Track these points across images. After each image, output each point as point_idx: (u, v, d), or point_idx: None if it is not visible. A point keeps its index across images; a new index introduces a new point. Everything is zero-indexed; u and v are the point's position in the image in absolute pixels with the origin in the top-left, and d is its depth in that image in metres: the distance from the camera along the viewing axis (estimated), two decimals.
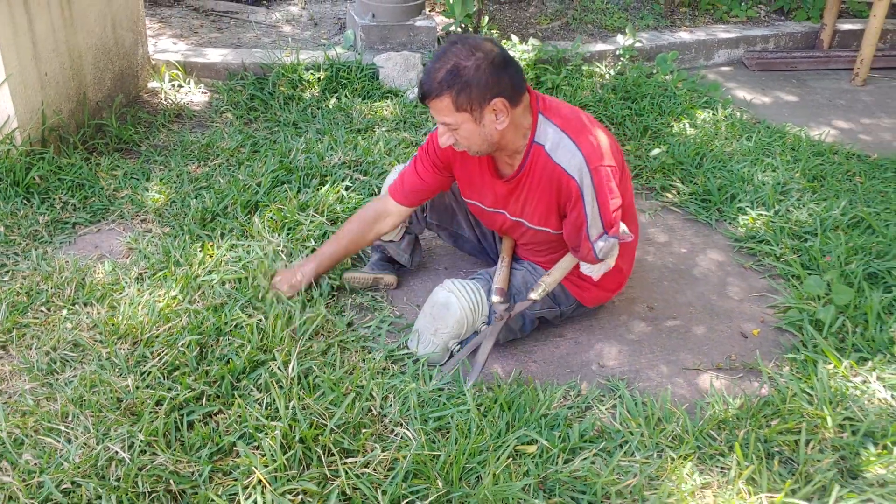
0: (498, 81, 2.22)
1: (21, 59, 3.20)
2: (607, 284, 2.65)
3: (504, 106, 2.25)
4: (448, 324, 2.49)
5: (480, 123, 2.28)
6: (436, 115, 2.32)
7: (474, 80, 2.20)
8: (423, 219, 2.86)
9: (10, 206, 3.11)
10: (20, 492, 1.93)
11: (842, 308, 2.78)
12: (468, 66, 2.20)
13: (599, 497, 2.04)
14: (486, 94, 2.22)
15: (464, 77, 2.20)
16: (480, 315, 2.54)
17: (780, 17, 6.18)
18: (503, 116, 2.27)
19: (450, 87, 2.21)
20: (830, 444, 2.24)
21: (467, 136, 2.31)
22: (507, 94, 2.25)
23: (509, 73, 2.25)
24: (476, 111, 2.25)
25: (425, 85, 2.26)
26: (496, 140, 2.33)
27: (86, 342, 2.45)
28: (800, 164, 3.89)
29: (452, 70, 2.20)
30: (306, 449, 2.07)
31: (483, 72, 2.20)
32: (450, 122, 2.29)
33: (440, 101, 2.25)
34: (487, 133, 2.30)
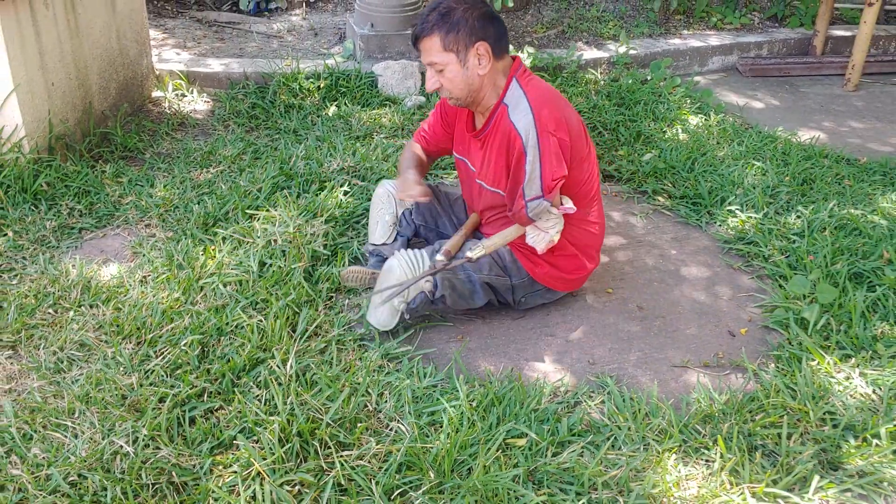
0: (483, 28, 2.48)
1: (28, 70, 3.30)
2: (563, 265, 2.76)
3: (486, 51, 2.49)
4: (391, 281, 2.66)
5: (464, 66, 2.50)
6: (424, 57, 2.55)
7: (462, 22, 2.46)
8: (413, 221, 2.96)
9: (18, 211, 3.20)
10: (29, 484, 2.01)
11: (826, 307, 2.85)
12: (457, 9, 2.47)
13: (586, 488, 2.11)
14: (471, 37, 2.47)
15: (453, 18, 2.46)
16: (420, 272, 2.68)
17: (774, 24, 6.26)
18: (485, 61, 2.50)
19: (439, 27, 2.47)
20: (812, 437, 2.31)
21: (451, 77, 2.52)
22: (491, 41, 2.49)
23: (495, 25, 2.51)
24: (462, 52, 2.49)
25: (418, 27, 2.52)
26: (477, 86, 2.54)
27: (92, 342, 2.54)
28: (790, 168, 3.96)
29: (443, 11, 2.47)
30: (303, 442, 2.15)
31: (471, 16, 2.47)
32: (437, 61, 2.51)
33: (430, 40, 2.49)
34: (470, 77, 2.52)
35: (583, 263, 2.80)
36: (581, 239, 2.76)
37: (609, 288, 3.06)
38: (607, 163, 4.00)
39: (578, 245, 2.76)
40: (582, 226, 2.74)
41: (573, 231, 2.71)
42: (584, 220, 2.73)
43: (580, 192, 2.66)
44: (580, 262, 2.79)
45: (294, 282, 2.80)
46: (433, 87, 2.57)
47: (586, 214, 2.73)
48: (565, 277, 2.80)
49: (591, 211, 2.75)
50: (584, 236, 2.76)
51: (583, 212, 2.70)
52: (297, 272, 2.85)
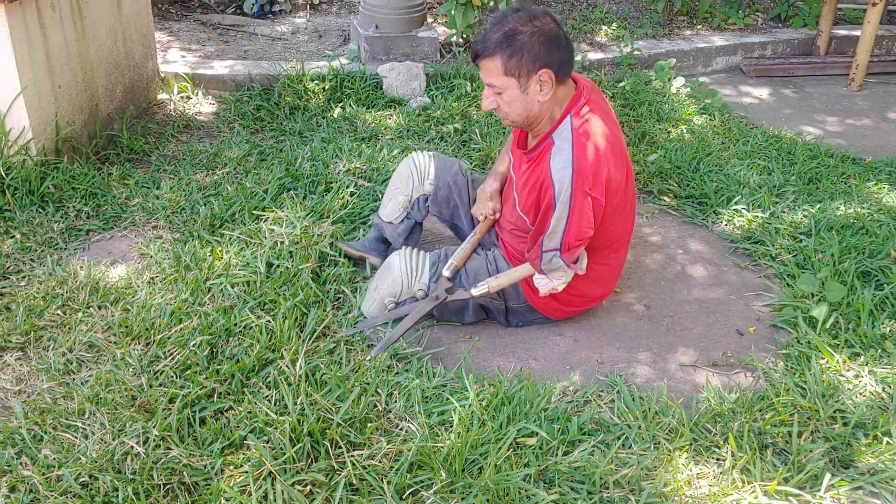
0: (549, 53, 2.31)
1: (36, 72, 3.31)
2: (564, 299, 2.71)
3: (550, 78, 2.34)
4: (386, 281, 2.70)
5: (525, 91, 2.37)
6: (484, 77, 2.40)
7: (527, 47, 2.29)
8: (426, 208, 2.97)
9: (26, 214, 3.21)
10: (40, 485, 2.02)
11: (835, 305, 2.85)
12: (524, 31, 2.29)
13: (598, 487, 2.11)
14: (535, 63, 2.31)
15: (517, 42, 2.29)
16: (417, 282, 2.69)
17: (778, 24, 6.26)
18: (548, 88, 2.36)
19: (503, 49, 2.31)
20: (822, 435, 2.31)
21: (510, 101, 2.40)
22: (556, 68, 2.33)
23: (561, 49, 2.33)
24: (523, 78, 2.34)
25: (479, 44, 2.35)
26: (535, 112, 2.42)
27: (101, 343, 2.54)
28: (795, 168, 3.96)
29: (508, 33, 2.30)
30: (314, 442, 2.15)
31: (536, 40, 2.29)
32: (496, 84, 2.38)
33: (491, 62, 2.34)
34: (529, 102, 2.39)
35: (585, 301, 2.77)
36: (590, 287, 2.72)
37: (616, 288, 3.06)
38: None
39: (586, 288, 2.72)
40: (595, 274, 2.67)
41: (584, 278, 2.65)
42: (601, 266, 2.67)
43: (603, 242, 2.60)
44: (583, 301, 2.77)
45: (302, 282, 2.80)
46: (489, 108, 2.44)
47: (604, 262, 2.66)
48: (564, 309, 2.77)
49: (610, 259, 2.68)
50: (593, 285, 2.72)
51: (602, 258, 2.64)
52: (304, 273, 2.85)
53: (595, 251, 2.61)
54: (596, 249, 2.60)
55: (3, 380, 2.42)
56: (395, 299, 2.73)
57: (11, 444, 2.15)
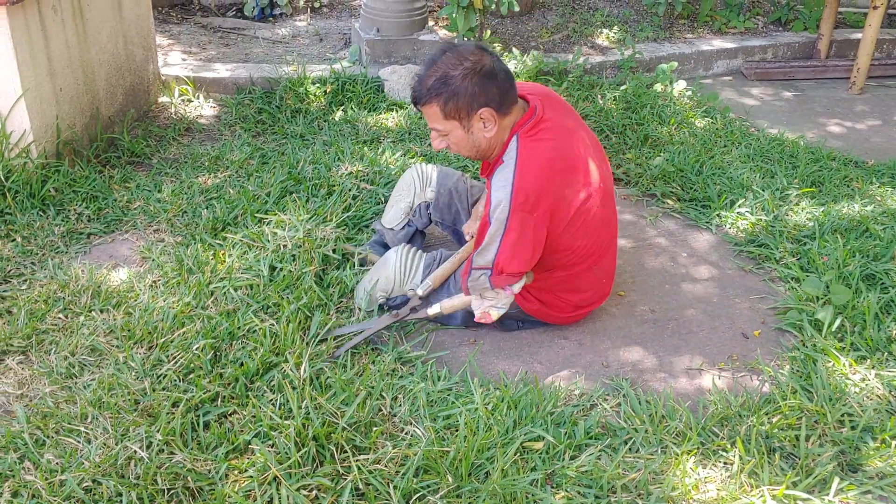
0: (485, 91, 2.29)
1: (37, 75, 3.29)
2: (552, 304, 2.68)
3: (491, 115, 2.32)
4: (380, 276, 2.72)
5: (469, 131, 2.36)
6: (428, 121, 2.41)
7: (461, 89, 2.28)
8: (427, 215, 2.96)
9: (26, 217, 3.19)
10: (43, 490, 2.00)
11: (840, 308, 2.84)
12: (455, 74, 2.27)
13: (605, 491, 2.09)
14: (473, 103, 2.30)
15: (451, 86, 2.28)
16: (410, 281, 2.71)
17: (778, 27, 6.27)
18: (491, 125, 2.35)
19: (438, 95, 2.30)
20: (830, 439, 2.30)
21: (457, 141, 2.40)
22: (495, 103, 2.32)
23: (497, 82, 2.31)
24: (464, 119, 2.33)
25: (415, 91, 2.35)
26: (484, 147, 2.41)
27: (103, 347, 2.52)
28: (798, 171, 3.96)
29: (441, 79, 2.28)
30: (319, 446, 2.13)
31: (470, 81, 2.27)
32: (439, 128, 2.38)
33: (429, 109, 2.34)
34: (476, 140, 2.39)
35: (577, 308, 2.73)
36: (579, 296, 2.69)
37: (621, 291, 3.05)
38: (615, 166, 3.99)
39: (575, 297, 2.69)
40: (581, 283, 2.65)
41: (571, 287, 2.65)
42: (587, 274, 2.63)
43: (577, 257, 2.55)
44: (574, 308, 2.73)
45: (305, 286, 2.79)
46: (439, 148, 2.45)
47: (587, 270, 2.62)
48: (557, 315, 2.75)
49: (594, 268, 2.63)
50: (582, 295, 2.69)
51: (584, 269, 2.60)
52: (307, 276, 2.83)
53: (574, 265, 2.58)
54: (573, 264, 2.58)
55: (5, 384, 2.40)
56: (387, 295, 2.74)
57: (14, 448, 2.13)
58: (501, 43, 5.46)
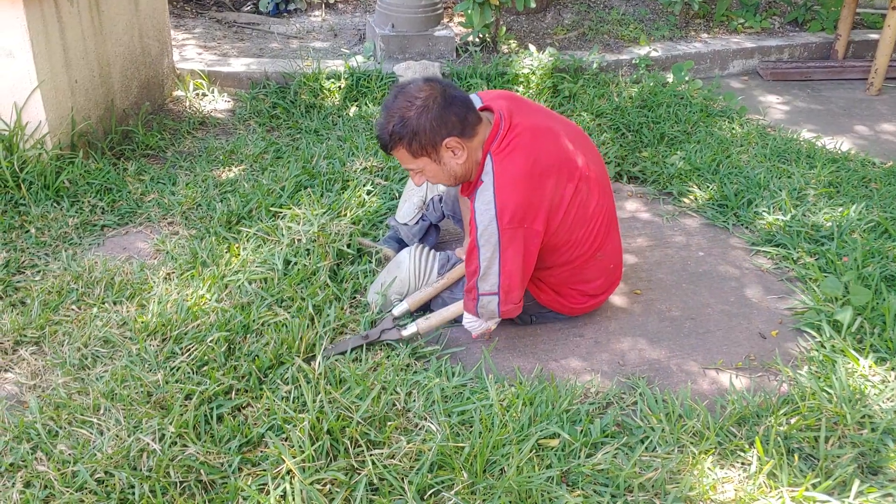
0: (444, 122, 2.31)
1: (53, 66, 3.29)
2: (566, 294, 2.67)
3: (457, 143, 2.34)
4: (394, 279, 2.73)
5: (440, 163, 2.38)
6: (401, 164, 2.44)
7: (420, 127, 2.30)
8: (440, 209, 2.95)
9: (41, 208, 3.19)
10: (56, 480, 1.99)
11: (859, 309, 2.80)
12: (412, 115, 2.30)
13: (622, 490, 2.07)
14: (436, 137, 2.32)
15: (410, 126, 2.30)
16: (424, 282, 2.73)
17: (795, 28, 6.22)
18: (460, 151, 2.36)
19: (401, 138, 2.33)
20: (850, 441, 2.26)
21: (433, 174, 2.43)
22: (458, 130, 2.33)
23: (454, 110, 2.32)
24: (433, 153, 2.36)
25: (380, 140, 2.38)
26: (461, 173, 2.43)
27: (116, 339, 2.51)
28: (815, 171, 3.91)
29: (399, 122, 2.31)
30: (334, 440, 2.12)
31: (427, 117, 2.29)
32: (412, 167, 2.41)
33: (398, 153, 2.38)
34: (450, 169, 2.41)
35: (589, 297, 2.72)
36: (589, 285, 2.68)
37: (637, 289, 3.02)
38: (631, 164, 3.96)
39: (585, 286, 2.68)
40: (588, 273, 2.64)
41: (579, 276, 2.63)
42: (594, 262, 2.62)
43: (578, 252, 2.54)
44: (587, 297, 2.71)
45: (320, 281, 2.77)
46: (421, 182, 2.47)
47: (591, 259, 2.60)
48: (571, 306, 2.73)
49: (597, 256, 2.60)
50: (591, 285, 2.68)
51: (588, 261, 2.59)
52: (322, 271, 2.82)
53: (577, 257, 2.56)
54: (577, 256, 2.56)
55: (19, 374, 2.40)
56: (401, 297, 2.74)
57: (27, 438, 2.12)
58: (517, 39, 5.44)
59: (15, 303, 2.70)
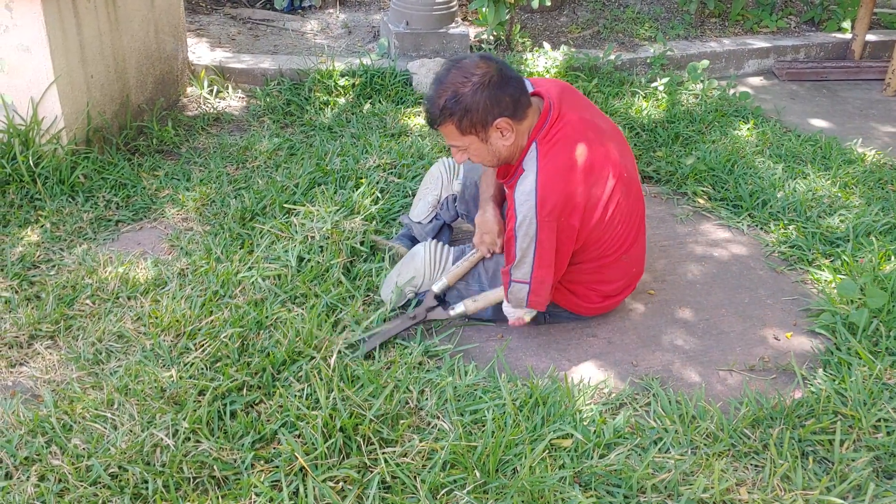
0: (498, 101, 2.28)
1: (69, 62, 3.30)
2: (583, 294, 2.66)
3: (507, 124, 2.31)
4: (409, 270, 2.71)
5: (487, 142, 2.36)
6: (446, 139, 2.40)
7: (474, 105, 2.26)
8: (454, 208, 2.95)
9: (56, 203, 3.20)
10: (70, 475, 1.99)
11: (875, 312, 2.78)
12: (466, 91, 2.26)
13: (635, 491, 2.06)
14: (487, 116, 2.29)
15: (463, 103, 2.26)
16: (440, 275, 2.70)
17: (811, 27, 6.18)
18: (508, 133, 2.34)
19: (452, 114, 2.28)
20: (865, 445, 2.25)
21: (477, 153, 2.40)
22: (510, 111, 2.30)
23: (508, 91, 2.29)
24: (482, 132, 2.32)
25: (429, 113, 2.34)
26: (505, 155, 2.41)
27: (130, 334, 2.52)
28: (831, 172, 3.89)
29: (452, 97, 2.27)
30: (346, 438, 2.12)
31: (481, 95, 2.26)
32: (458, 144, 2.38)
33: (445, 128, 2.34)
34: (496, 150, 2.38)
35: (606, 298, 2.70)
36: (608, 286, 2.67)
37: (651, 289, 3.01)
38: (645, 164, 3.95)
39: (604, 287, 2.66)
40: (610, 274, 2.63)
41: (600, 277, 2.63)
42: (617, 264, 2.61)
43: (605, 250, 2.54)
44: (603, 298, 2.70)
45: (333, 277, 2.77)
46: (462, 161, 2.46)
47: (615, 261, 2.59)
48: (587, 306, 2.71)
49: (622, 257, 2.59)
50: (611, 286, 2.67)
51: (613, 260, 2.58)
52: (335, 268, 2.82)
53: (604, 257, 2.56)
54: (604, 256, 2.55)
55: (34, 368, 2.41)
56: (416, 289, 2.73)
57: (41, 432, 2.13)
58: (531, 38, 5.43)
59: (30, 297, 2.71)
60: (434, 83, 2.33)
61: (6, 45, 3.17)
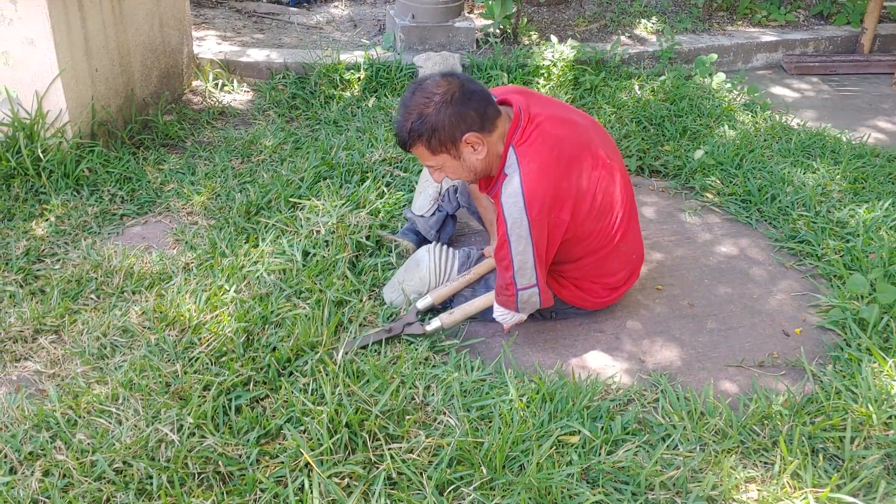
0: (463, 117, 2.28)
1: (74, 55, 3.29)
2: (588, 289, 2.64)
3: (477, 138, 2.31)
4: (413, 278, 2.70)
5: (460, 159, 2.36)
6: (420, 161, 2.42)
7: (440, 124, 2.27)
8: (456, 199, 2.93)
9: (60, 197, 3.19)
10: (74, 470, 1.98)
11: (886, 308, 2.76)
12: (430, 112, 2.27)
13: (643, 488, 2.04)
14: (455, 133, 2.29)
15: (429, 123, 2.27)
16: (444, 281, 2.71)
17: (820, 21, 6.13)
18: (480, 146, 2.34)
19: (420, 135, 2.30)
20: (876, 442, 2.22)
21: (453, 170, 2.40)
22: (477, 125, 2.31)
23: (472, 105, 2.29)
24: (452, 150, 2.33)
25: (399, 137, 2.36)
26: (481, 168, 2.40)
27: (135, 328, 2.51)
28: (840, 167, 3.85)
29: (417, 119, 2.28)
30: (352, 433, 2.10)
31: (445, 112, 2.26)
32: (431, 164, 2.39)
33: (417, 150, 2.35)
34: (470, 165, 2.38)
35: (611, 289, 2.68)
36: (611, 277, 2.65)
37: (659, 285, 2.99)
38: (653, 158, 3.92)
39: (607, 278, 2.65)
40: (610, 265, 2.61)
41: (601, 268, 2.61)
42: (616, 253, 2.59)
43: (600, 241, 2.52)
44: (608, 288, 2.68)
45: (338, 272, 2.76)
46: (440, 180, 2.45)
47: (613, 250, 2.57)
48: (592, 300, 2.69)
49: (620, 246, 2.58)
50: (613, 277, 2.65)
51: (611, 250, 2.56)
52: (341, 263, 2.80)
53: (601, 248, 2.54)
54: (601, 247, 2.54)
55: (38, 362, 2.40)
56: (420, 296, 2.70)
57: (46, 427, 2.12)
58: (538, 31, 5.40)
59: (35, 291, 2.70)
60: (399, 108, 2.35)
61: (11, 39, 3.15)
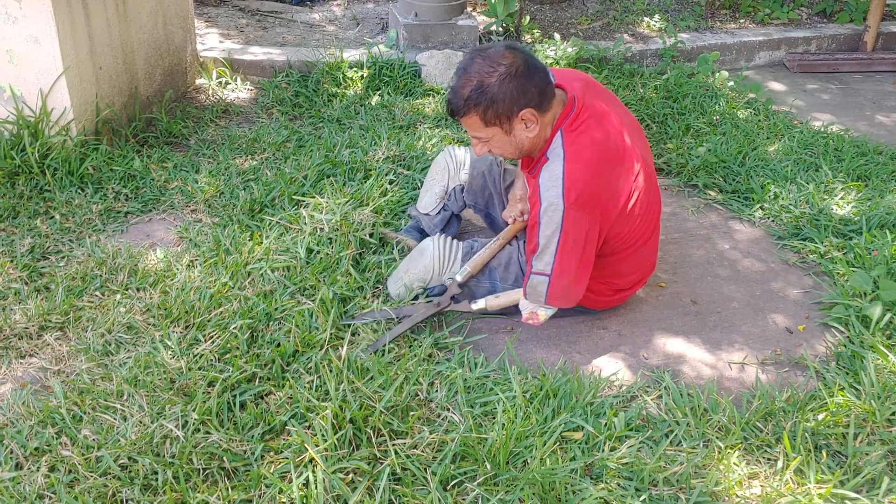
0: (524, 92, 2.21)
1: (78, 53, 3.29)
2: (596, 289, 2.62)
3: (532, 115, 2.25)
4: (417, 266, 2.68)
5: (511, 134, 2.29)
6: (468, 130, 2.34)
7: (499, 95, 2.20)
8: (462, 198, 2.92)
9: (65, 194, 3.20)
10: (80, 465, 1.99)
11: (889, 304, 2.76)
12: (492, 81, 2.19)
13: (646, 484, 2.05)
14: (513, 107, 2.23)
15: (489, 93, 2.20)
16: (449, 270, 2.66)
17: (823, 19, 6.13)
18: (533, 124, 2.28)
19: (476, 104, 2.22)
20: (879, 438, 2.23)
21: (499, 145, 2.34)
22: (535, 102, 2.24)
23: (534, 81, 2.23)
24: (505, 124, 2.26)
25: (452, 103, 2.27)
26: (528, 147, 2.35)
27: (139, 325, 2.52)
28: (843, 164, 3.86)
29: (477, 87, 2.20)
30: (356, 429, 2.11)
31: (507, 85, 2.19)
32: (481, 136, 2.32)
33: (468, 119, 2.27)
34: (518, 141, 2.32)
35: (619, 291, 2.68)
36: (623, 279, 2.65)
37: (662, 282, 2.99)
38: (656, 156, 3.92)
39: (619, 280, 2.64)
40: (626, 267, 2.60)
41: (615, 269, 2.60)
42: (633, 257, 2.59)
43: (625, 242, 2.51)
44: (617, 290, 2.68)
45: (342, 269, 2.76)
46: (482, 153, 2.39)
47: (633, 253, 2.57)
48: (599, 300, 2.69)
49: (639, 249, 2.57)
50: (624, 279, 2.65)
51: (631, 253, 2.56)
52: (344, 260, 2.81)
53: (622, 250, 2.53)
54: (621, 249, 2.53)
55: (43, 359, 2.41)
56: (424, 285, 2.70)
57: (51, 423, 2.13)
58: (540, 29, 5.40)
59: (39, 288, 2.71)
60: (458, 72, 2.27)
61: (15, 37, 3.16)
